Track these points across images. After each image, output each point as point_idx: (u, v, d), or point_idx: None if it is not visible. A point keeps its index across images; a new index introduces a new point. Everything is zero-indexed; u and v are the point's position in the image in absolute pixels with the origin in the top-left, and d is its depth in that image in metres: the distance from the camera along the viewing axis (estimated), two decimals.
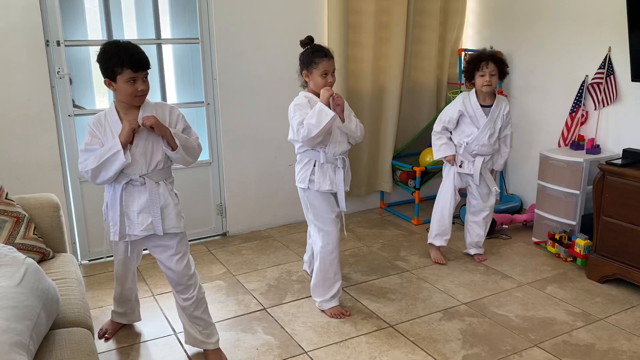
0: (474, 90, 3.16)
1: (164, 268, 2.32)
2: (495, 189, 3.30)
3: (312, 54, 2.55)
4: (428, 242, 3.42)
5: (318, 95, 2.58)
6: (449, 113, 3.20)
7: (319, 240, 2.71)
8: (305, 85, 2.66)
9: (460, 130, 3.20)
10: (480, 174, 3.22)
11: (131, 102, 2.13)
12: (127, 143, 2.10)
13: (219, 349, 2.42)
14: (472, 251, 3.43)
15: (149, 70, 2.14)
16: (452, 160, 3.22)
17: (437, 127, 3.25)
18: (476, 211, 3.36)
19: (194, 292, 2.33)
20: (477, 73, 3.06)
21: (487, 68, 3.03)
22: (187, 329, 2.41)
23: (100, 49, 2.11)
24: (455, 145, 3.22)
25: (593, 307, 2.83)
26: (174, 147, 2.16)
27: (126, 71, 2.05)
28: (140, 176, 2.16)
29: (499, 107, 3.15)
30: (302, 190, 2.71)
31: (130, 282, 2.53)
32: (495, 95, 3.16)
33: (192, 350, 2.47)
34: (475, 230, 3.39)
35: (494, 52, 3.17)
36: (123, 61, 2.04)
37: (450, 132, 3.25)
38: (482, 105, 3.13)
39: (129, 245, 2.32)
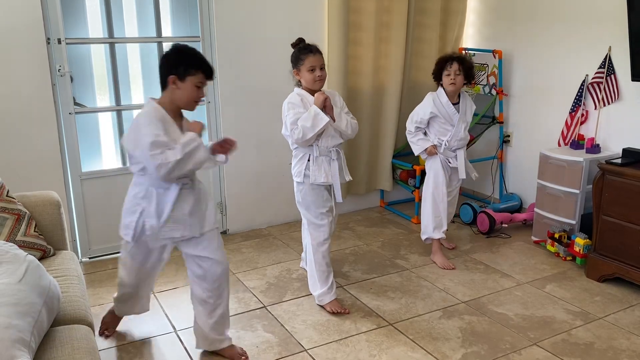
0: (441, 90, 3.22)
1: (209, 265, 2.25)
2: (475, 174, 3.37)
3: (299, 52, 2.65)
4: (424, 237, 3.35)
5: (310, 92, 2.67)
6: (420, 114, 3.25)
7: (310, 233, 2.79)
8: (299, 84, 2.74)
9: (435, 131, 3.26)
10: None
11: (187, 106, 2.16)
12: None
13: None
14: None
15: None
16: (433, 150, 3.24)
17: (410, 127, 3.30)
18: (449, 191, 3.38)
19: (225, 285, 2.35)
20: (444, 72, 3.16)
21: (452, 67, 3.13)
22: (208, 333, 2.36)
23: (174, 48, 2.14)
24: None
25: (592, 306, 2.84)
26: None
27: (199, 75, 2.09)
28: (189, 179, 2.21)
29: (465, 101, 3.27)
30: (297, 184, 2.78)
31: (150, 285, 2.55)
32: (459, 94, 3.27)
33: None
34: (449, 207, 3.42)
35: (461, 54, 3.30)
36: (201, 65, 2.09)
37: (425, 132, 3.30)
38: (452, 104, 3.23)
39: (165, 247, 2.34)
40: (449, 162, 3.27)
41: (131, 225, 2.19)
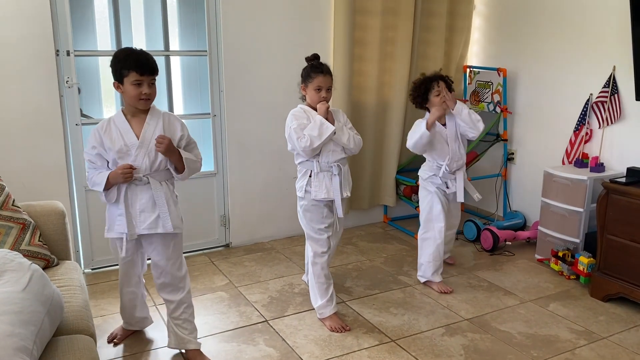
0: (427, 114, 3.13)
1: (156, 270, 2.39)
2: (477, 195, 3.25)
3: (310, 69, 2.70)
4: (423, 281, 3.26)
5: (313, 108, 2.72)
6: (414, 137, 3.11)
7: (310, 246, 2.83)
8: (303, 98, 2.79)
9: (437, 155, 3.13)
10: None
11: (135, 105, 2.22)
12: (118, 184, 2.24)
13: (199, 350, 2.49)
14: (445, 257, 3.44)
15: (156, 78, 2.24)
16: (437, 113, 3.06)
17: (410, 141, 3.13)
18: (451, 226, 3.33)
19: (182, 295, 2.42)
20: (431, 94, 3.07)
21: (440, 86, 3.07)
22: (173, 330, 2.45)
23: (113, 54, 2.23)
24: (435, 167, 3.17)
25: (596, 325, 2.82)
26: (180, 170, 2.28)
27: (132, 73, 2.16)
28: (144, 176, 2.25)
29: (452, 120, 3.13)
30: (299, 198, 2.83)
31: (135, 287, 2.55)
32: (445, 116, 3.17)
33: None
34: (448, 241, 3.41)
35: (438, 73, 3.19)
36: (130, 64, 2.16)
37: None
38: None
39: (128, 245, 2.36)
40: (447, 187, 3.16)
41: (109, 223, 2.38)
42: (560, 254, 3.38)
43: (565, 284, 3.30)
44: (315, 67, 2.68)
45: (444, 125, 3.14)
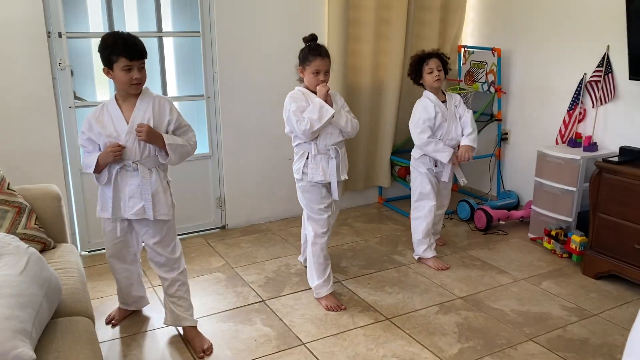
0: (427, 92, 3.16)
1: (151, 251, 2.42)
2: (463, 180, 3.27)
3: (308, 52, 2.66)
4: (417, 258, 3.33)
5: (311, 90, 2.69)
6: (423, 116, 3.09)
7: (309, 226, 2.84)
8: (301, 80, 2.76)
9: (436, 132, 3.15)
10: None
11: (127, 90, 2.23)
12: (108, 164, 2.25)
13: (196, 327, 2.51)
14: (435, 238, 3.46)
15: (146, 61, 2.23)
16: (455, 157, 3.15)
17: (422, 135, 3.09)
18: (440, 205, 3.37)
19: (176, 273, 2.44)
20: (425, 71, 3.09)
21: (433, 62, 3.08)
22: (169, 307, 2.48)
23: (101, 39, 2.20)
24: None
25: (588, 302, 2.87)
26: (166, 153, 2.28)
27: (121, 59, 2.15)
28: (133, 162, 2.26)
29: (453, 99, 3.18)
30: (296, 180, 2.83)
31: (130, 264, 2.57)
32: (443, 92, 3.20)
33: None
34: (438, 221, 3.47)
35: (435, 50, 3.22)
36: (119, 50, 2.15)
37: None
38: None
39: (121, 225, 2.38)
40: (436, 166, 3.19)
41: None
42: (553, 233, 3.42)
43: (558, 262, 3.34)
44: (313, 50, 2.64)
45: (444, 102, 3.16)
